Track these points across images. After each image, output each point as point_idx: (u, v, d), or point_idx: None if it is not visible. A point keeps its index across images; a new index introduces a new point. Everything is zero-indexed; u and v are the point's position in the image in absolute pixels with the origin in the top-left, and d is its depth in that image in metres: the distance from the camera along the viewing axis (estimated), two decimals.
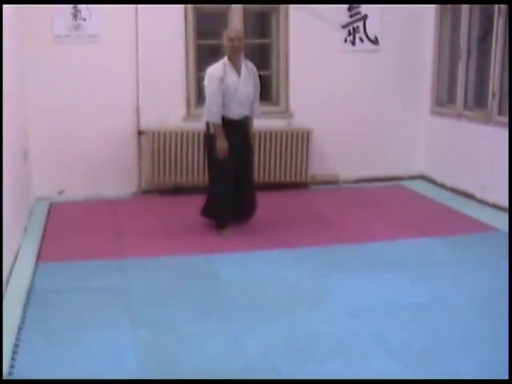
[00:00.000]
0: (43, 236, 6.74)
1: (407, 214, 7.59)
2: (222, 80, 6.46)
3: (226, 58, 6.58)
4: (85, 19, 7.94)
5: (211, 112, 6.56)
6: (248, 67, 6.72)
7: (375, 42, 8.78)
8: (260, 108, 6.96)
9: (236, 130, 6.66)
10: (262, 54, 9.07)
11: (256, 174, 8.39)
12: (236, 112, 6.64)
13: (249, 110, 6.76)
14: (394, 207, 7.91)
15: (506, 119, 7.50)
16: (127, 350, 4.32)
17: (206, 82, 6.60)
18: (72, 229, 6.99)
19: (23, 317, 4.78)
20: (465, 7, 8.12)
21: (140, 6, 8.00)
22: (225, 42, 6.60)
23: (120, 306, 5.04)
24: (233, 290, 5.37)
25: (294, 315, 4.88)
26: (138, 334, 4.55)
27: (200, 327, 4.67)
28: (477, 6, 8.08)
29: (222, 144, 6.55)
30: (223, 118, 6.57)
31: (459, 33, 8.32)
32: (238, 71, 6.59)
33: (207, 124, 6.70)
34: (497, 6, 7.50)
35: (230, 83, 6.51)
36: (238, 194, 6.80)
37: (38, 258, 6.05)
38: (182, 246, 6.45)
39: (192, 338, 4.49)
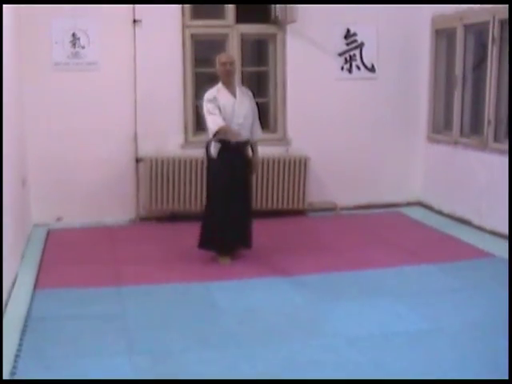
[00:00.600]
0: (41, 263, 6.74)
1: (405, 241, 7.60)
2: (215, 99, 6.50)
3: (220, 83, 6.65)
4: (83, 47, 8.01)
5: (214, 121, 6.47)
6: (242, 90, 6.78)
7: (372, 69, 8.85)
8: (260, 130, 6.94)
9: (235, 152, 6.61)
10: (260, 81, 9.14)
11: (254, 201, 8.43)
12: None
13: (249, 133, 6.72)
14: (391, 234, 7.92)
15: (501, 146, 7.55)
16: (125, 377, 4.30)
17: (203, 107, 6.62)
18: (70, 256, 6.99)
19: (20, 344, 4.76)
20: (460, 35, 8.19)
21: (138, 33, 8.06)
22: (217, 66, 6.66)
23: (118, 333, 5.03)
24: (231, 317, 5.36)
25: (292, 343, 4.86)
26: (136, 361, 4.54)
27: (198, 355, 4.65)
28: (471, 34, 8.16)
29: (232, 132, 6.49)
30: (223, 140, 6.53)
31: (455, 60, 8.39)
32: (233, 93, 6.62)
33: (206, 148, 6.68)
34: (491, 34, 7.57)
35: (226, 104, 6.53)
36: (234, 220, 6.70)
37: (35, 285, 6.05)
38: (180, 274, 6.45)
39: (190, 367, 4.48)
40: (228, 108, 6.53)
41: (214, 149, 6.58)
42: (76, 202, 8.23)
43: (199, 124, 8.61)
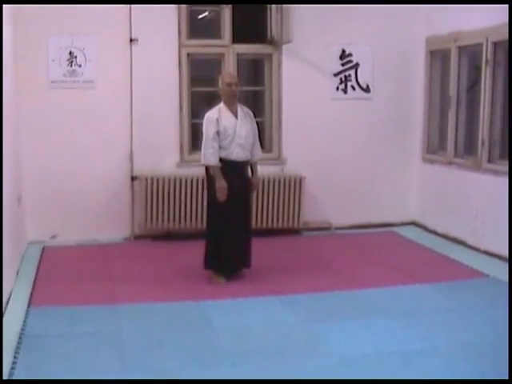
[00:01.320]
0: (35, 280, 6.73)
1: (399, 261, 7.61)
2: (217, 121, 6.54)
3: (221, 103, 6.68)
4: (80, 65, 8.05)
5: (206, 155, 6.60)
6: (244, 110, 6.79)
7: (367, 90, 8.91)
8: (260, 150, 7.03)
9: (236, 171, 6.67)
10: (256, 101, 9.18)
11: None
12: (237, 154, 6.66)
13: (249, 153, 6.78)
14: (386, 253, 7.93)
15: (495, 167, 7.60)
16: None
17: (204, 128, 6.68)
18: (64, 273, 6.99)
19: (14, 362, 4.75)
20: (454, 56, 8.26)
21: (134, 52, 8.11)
22: (221, 86, 6.70)
23: (112, 352, 5.02)
24: (225, 337, 5.36)
25: (287, 363, 4.86)
26: (130, 380, 4.53)
27: (193, 374, 4.65)
28: (465, 55, 8.23)
29: (220, 184, 6.54)
30: (224, 160, 6.60)
31: (449, 81, 8.45)
32: (235, 114, 6.67)
33: (206, 167, 6.75)
34: (484, 56, 7.64)
35: (228, 125, 6.58)
36: (235, 240, 6.72)
37: (29, 303, 6.04)
38: (175, 293, 6.44)
39: None
40: (230, 129, 6.59)
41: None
42: (71, 219, 8.23)
43: (195, 143, 8.65)
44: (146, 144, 8.32)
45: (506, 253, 7.35)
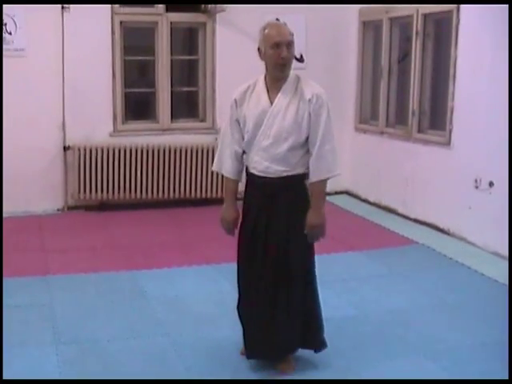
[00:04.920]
0: None
1: (332, 229, 7.55)
2: (236, 104, 4.19)
3: (262, 76, 4.20)
4: (10, 33, 7.86)
5: (217, 157, 4.34)
6: (300, 92, 4.08)
7: (300, 59, 8.92)
8: (332, 165, 4.20)
9: (259, 193, 4.15)
10: (190, 70, 9.14)
11: (183, 191, 8.45)
12: (258, 164, 4.11)
13: (287, 166, 4.07)
14: None
15: (425, 136, 7.78)
16: (51, 368, 4.29)
17: None
18: None
19: None
20: (386, 28, 8.35)
21: (66, 20, 7.95)
22: (263, 48, 4.11)
23: (44, 323, 4.99)
24: (159, 306, 5.38)
25: (219, 331, 4.91)
26: (62, 351, 4.52)
27: (125, 345, 4.67)
28: (397, 27, 8.33)
29: (224, 213, 4.32)
30: (246, 173, 4.25)
31: (381, 53, 8.55)
32: (274, 95, 4.09)
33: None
34: (415, 27, 7.75)
35: (249, 114, 4.11)
36: (258, 310, 4.21)
37: None
38: (108, 263, 6.43)
39: (117, 356, 4.49)
40: (251, 120, 4.08)
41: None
42: (3, 190, 8.08)
43: (128, 112, 8.59)
44: (78, 114, 8.20)
45: (433, 220, 7.57)
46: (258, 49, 4.13)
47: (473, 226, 7.02)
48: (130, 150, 8.28)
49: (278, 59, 4.01)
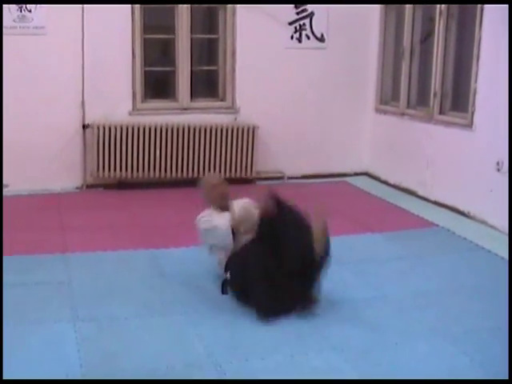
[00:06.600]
0: None
1: (351, 210, 7.69)
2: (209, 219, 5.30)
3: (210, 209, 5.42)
4: (30, 10, 7.83)
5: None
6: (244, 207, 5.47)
7: (321, 39, 8.86)
8: None
9: None
10: (210, 49, 9.09)
11: (202, 170, 8.43)
12: None
13: None
14: (338, 203, 7.98)
15: (446, 118, 7.68)
16: (69, 345, 4.29)
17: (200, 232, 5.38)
18: (16, 223, 6.88)
19: None
20: (408, 8, 8.25)
21: None
22: (206, 191, 5.52)
23: (63, 300, 5.00)
24: (177, 285, 5.37)
25: (238, 310, 4.89)
26: (80, 329, 4.53)
27: (143, 323, 4.67)
28: (420, 7, 8.22)
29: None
30: None
31: (403, 33, 8.45)
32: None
33: None
34: (438, 7, 7.65)
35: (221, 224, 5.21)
36: None
37: None
38: (127, 241, 6.42)
39: (135, 334, 4.49)
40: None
41: None
42: (22, 169, 8.10)
43: (148, 91, 8.57)
44: (97, 92, 8.18)
45: (454, 203, 7.50)
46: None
47: (493, 209, 6.94)
48: (149, 129, 8.26)
49: (218, 195, 5.45)
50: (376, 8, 8.91)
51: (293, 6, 8.67)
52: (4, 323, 4.52)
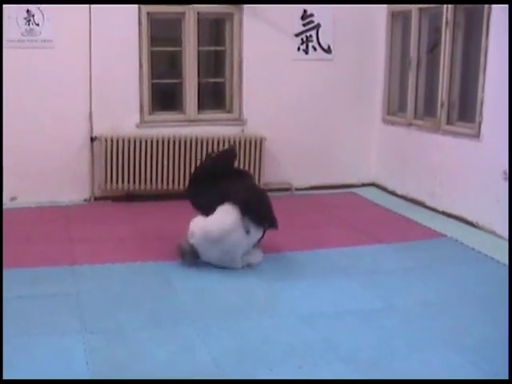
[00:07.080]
0: None
1: (359, 221, 7.68)
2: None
3: None
4: (38, 24, 7.88)
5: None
6: None
7: (328, 50, 8.88)
8: None
9: None
10: (217, 61, 9.12)
11: None
12: None
13: None
14: (345, 214, 7.99)
15: (454, 128, 7.68)
16: (78, 356, 4.30)
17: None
18: (24, 235, 6.91)
19: None
20: (414, 18, 8.26)
21: (94, 11, 7.96)
22: None
23: (71, 312, 5.00)
24: (185, 297, 5.38)
25: (246, 322, 4.91)
26: (89, 340, 4.53)
27: (151, 334, 4.67)
28: (426, 17, 8.24)
29: None
30: None
31: (410, 43, 8.46)
32: None
33: None
34: (444, 18, 7.65)
35: None
36: None
37: None
38: (135, 254, 6.43)
39: (143, 345, 4.49)
40: None
41: None
42: (31, 181, 8.13)
43: (155, 103, 8.59)
44: (105, 104, 8.21)
45: (462, 213, 7.49)
46: None
47: (501, 219, 6.92)
48: (157, 141, 8.28)
49: None
50: (382, 19, 8.92)
51: (299, 17, 8.69)
52: (12, 335, 4.55)
